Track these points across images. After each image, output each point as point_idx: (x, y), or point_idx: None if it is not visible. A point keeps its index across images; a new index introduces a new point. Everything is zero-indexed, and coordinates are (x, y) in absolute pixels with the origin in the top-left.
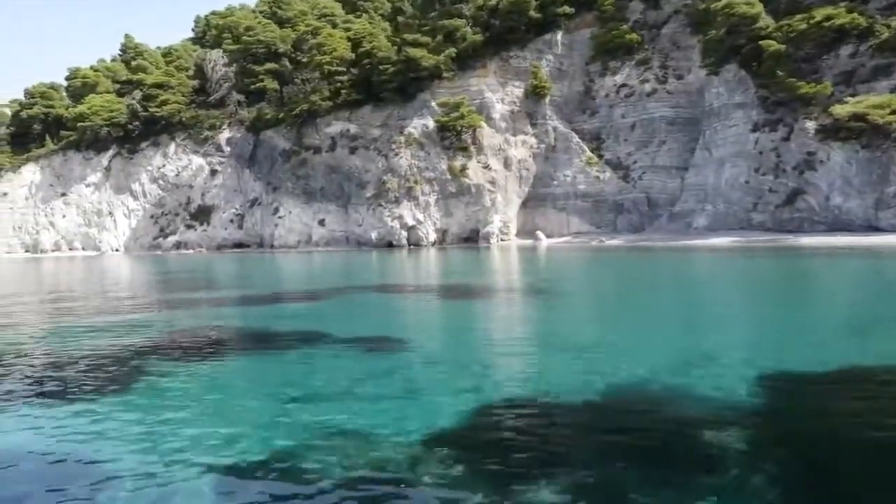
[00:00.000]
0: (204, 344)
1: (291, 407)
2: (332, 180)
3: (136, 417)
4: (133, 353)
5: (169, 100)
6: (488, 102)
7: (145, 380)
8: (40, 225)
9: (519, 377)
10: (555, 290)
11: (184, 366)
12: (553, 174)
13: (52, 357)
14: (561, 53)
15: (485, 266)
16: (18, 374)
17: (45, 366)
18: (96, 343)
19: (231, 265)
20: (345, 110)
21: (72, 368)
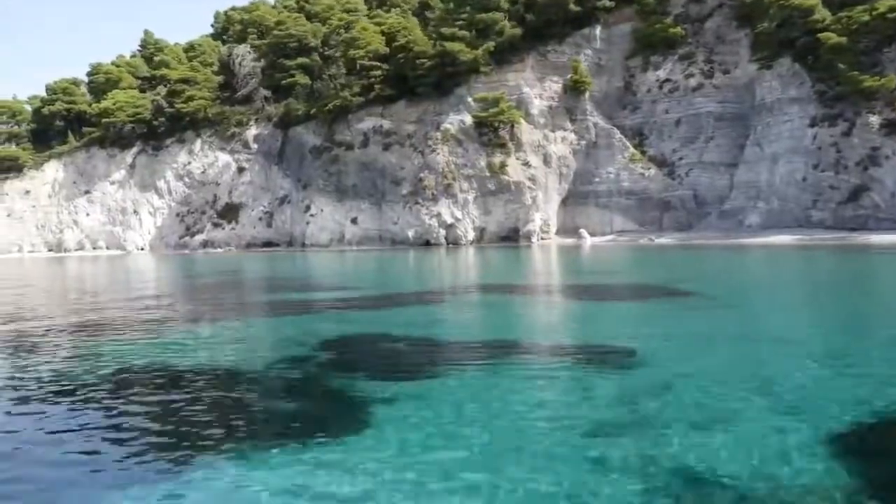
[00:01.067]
0: (391, 356)
1: (586, 440)
2: (364, 177)
3: (386, 456)
4: (325, 371)
5: (195, 95)
6: (526, 98)
7: (372, 409)
8: (64, 223)
9: (832, 397)
10: (705, 292)
11: (401, 385)
12: (594, 171)
13: (240, 378)
14: (599, 48)
15: (563, 265)
16: (216, 411)
17: (245, 396)
18: (256, 357)
19: (283, 264)
20: (377, 106)
21: (269, 399)
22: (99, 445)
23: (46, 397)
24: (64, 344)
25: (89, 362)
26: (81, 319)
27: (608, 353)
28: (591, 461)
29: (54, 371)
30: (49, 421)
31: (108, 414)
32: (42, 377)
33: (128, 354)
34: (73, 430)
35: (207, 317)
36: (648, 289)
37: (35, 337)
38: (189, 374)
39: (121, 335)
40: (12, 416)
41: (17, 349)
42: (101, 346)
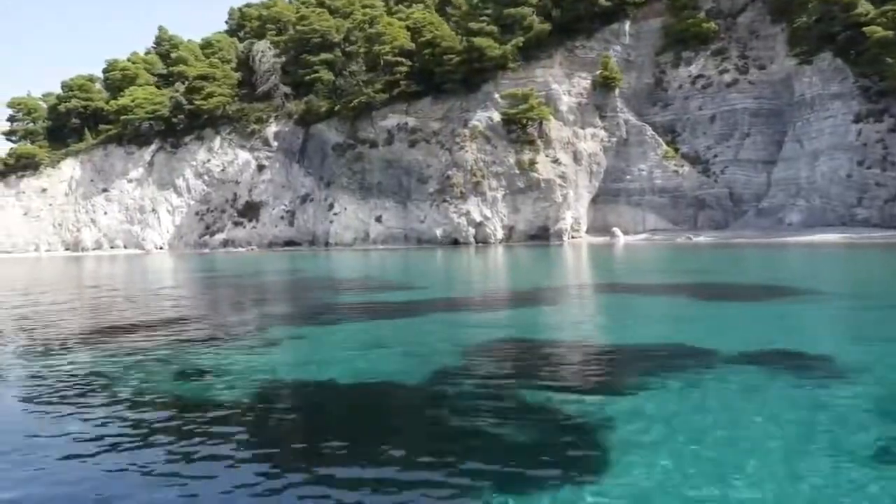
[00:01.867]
0: (564, 365)
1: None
2: (389, 175)
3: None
4: (507, 385)
5: (214, 92)
6: (554, 94)
7: (598, 433)
8: (81, 222)
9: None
10: (827, 290)
11: (606, 399)
12: (626, 168)
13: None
14: (628, 44)
15: (625, 264)
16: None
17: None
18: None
19: (324, 263)
20: (402, 102)
21: (468, 420)
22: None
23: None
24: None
25: (228, 378)
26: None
27: (806, 359)
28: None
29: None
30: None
31: (273, 440)
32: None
33: (260, 368)
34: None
35: (316, 320)
36: (767, 289)
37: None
38: (355, 389)
39: (235, 343)
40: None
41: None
42: (225, 358)
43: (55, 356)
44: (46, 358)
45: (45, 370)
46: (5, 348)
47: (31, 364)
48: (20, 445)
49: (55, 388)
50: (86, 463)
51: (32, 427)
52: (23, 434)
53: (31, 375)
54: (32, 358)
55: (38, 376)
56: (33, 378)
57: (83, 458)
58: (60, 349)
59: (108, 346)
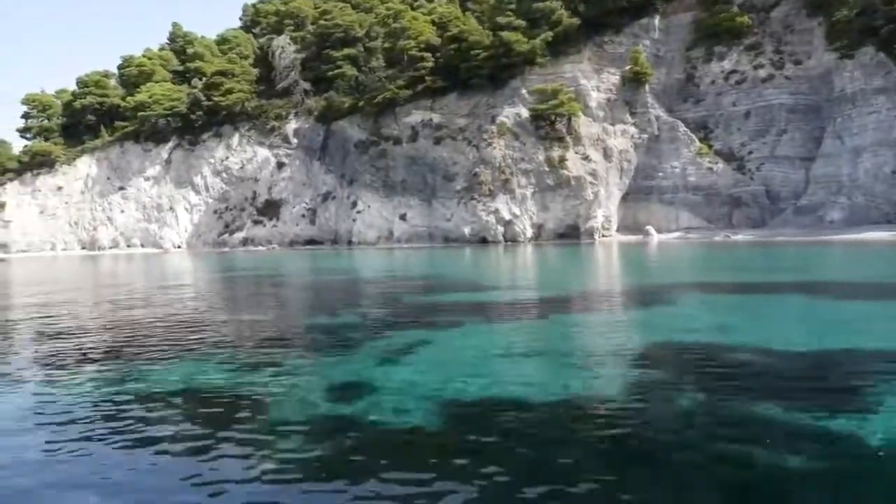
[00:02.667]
0: (803, 378)
1: None
2: (413, 172)
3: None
4: (783, 408)
5: (233, 88)
6: (583, 90)
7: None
8: (97, 220)
9: None
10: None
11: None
12: (657, 166)
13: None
14: (658, 39)
15: (676, 262)
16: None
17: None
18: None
19: (367, 262)
20: (426, 99)
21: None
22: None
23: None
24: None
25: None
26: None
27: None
28: None
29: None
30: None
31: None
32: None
33: (412, 380)
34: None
35: (426, 323)
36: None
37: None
38: (523, 403)
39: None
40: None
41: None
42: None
43: (146, 375)
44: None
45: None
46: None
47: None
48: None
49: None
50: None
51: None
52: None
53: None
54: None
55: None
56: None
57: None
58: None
59: (242, 361)
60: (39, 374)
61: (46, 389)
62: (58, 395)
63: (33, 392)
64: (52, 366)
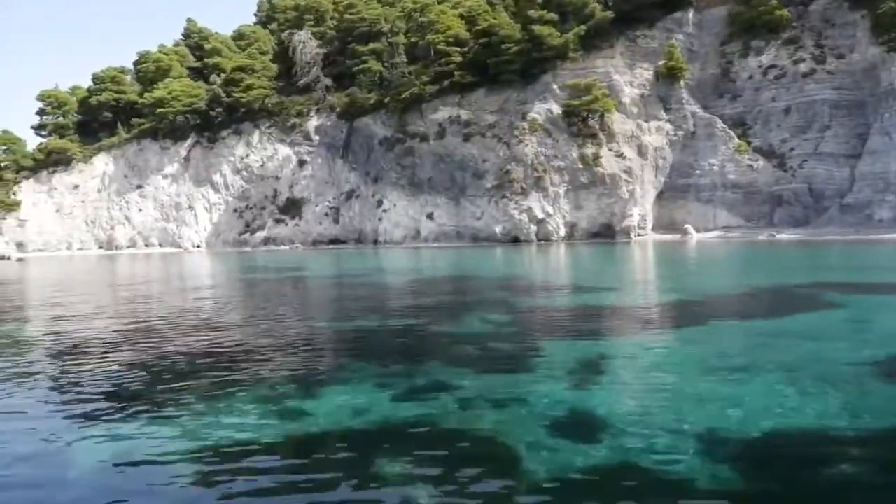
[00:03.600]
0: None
1: None
2: (441, 170)
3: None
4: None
5: (254, 84)
6: (616, 85)
7: None
8: (115, 219)
9: None
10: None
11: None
12: (694, 163)
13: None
14: (691, 33)
15: (740, 262)
16: None
17: None
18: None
19: (415, 263)
20: (453, 94)
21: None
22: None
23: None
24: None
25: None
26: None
27: None
28: None
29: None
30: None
31: None
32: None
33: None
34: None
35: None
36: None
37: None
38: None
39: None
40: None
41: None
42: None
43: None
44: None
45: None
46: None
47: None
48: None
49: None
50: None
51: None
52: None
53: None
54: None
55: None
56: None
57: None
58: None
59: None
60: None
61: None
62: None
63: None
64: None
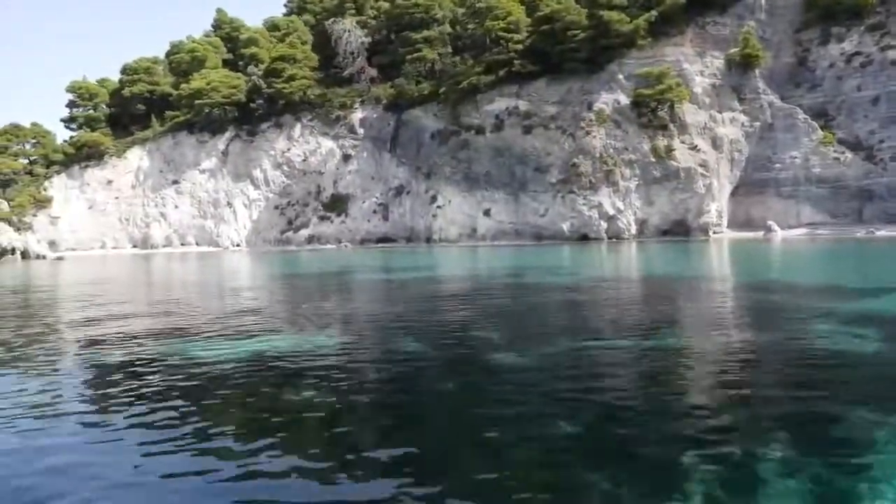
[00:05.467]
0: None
1: None
2: (499, 164)
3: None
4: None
5: (296, 75)
6: (687, 74)
7: None
8: (150, 217)
9: None
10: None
11: None
12: (772, 156)
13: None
14: (763, 20)
15: (866, 262)
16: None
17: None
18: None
19: (514, 262)
20: (511, 85)
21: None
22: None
23: None
24: None
25: None
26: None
27: None
28: None
29: None
30: None
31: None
32: None
33: None
34: None
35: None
36: None
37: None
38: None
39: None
40: None
41: None
42: None
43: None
44: None
45: None
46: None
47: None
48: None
49: None
50: None
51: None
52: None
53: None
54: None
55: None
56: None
57: None
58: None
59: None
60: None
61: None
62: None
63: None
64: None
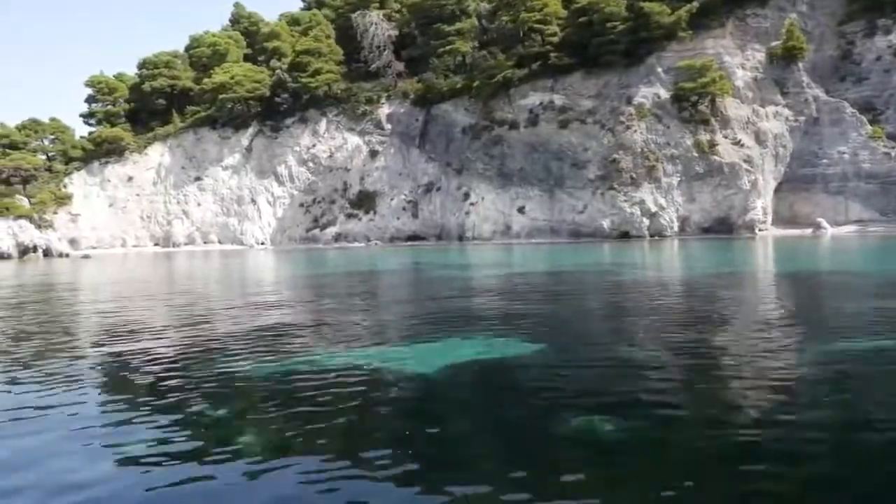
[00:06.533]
0: None
1: None
2: (534, 160)
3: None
4: None
5: (322, 68)
6: (727, 67)
7: None
8: (172, 214)
9: None
10: None
11: None
12: (818, 152)
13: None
14: (805, 12)
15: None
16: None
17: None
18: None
19: (579, 257)
20: (545, 79)
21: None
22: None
23: None
24: None
25: None
26: None
27: None
28: None
29: None
30: None
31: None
32: None
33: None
34: None
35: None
36: None
37: None
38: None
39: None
40: None
41: None
42: None
43: None
44: None
45: None
46: None
47: None
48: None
49: None
50: None
51: None
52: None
53: None
54: None
55: None
56: None
57: None
58: None
59: None
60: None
61: None
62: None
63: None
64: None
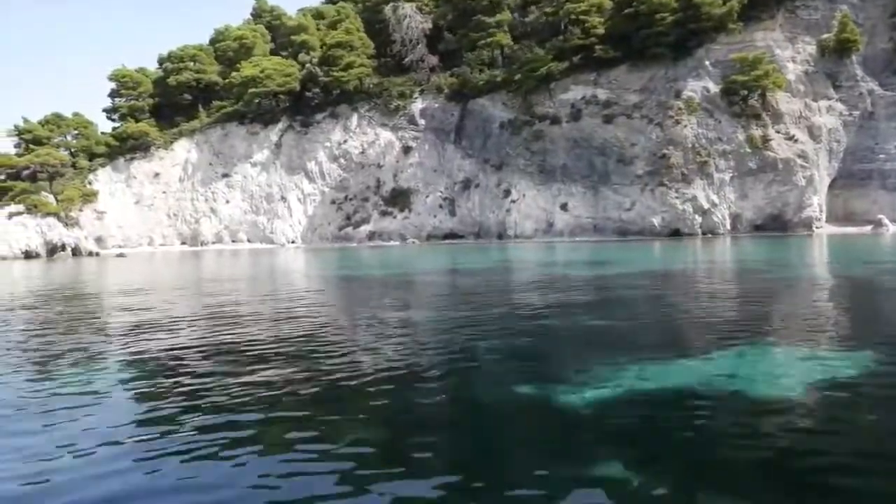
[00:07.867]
0: None
1: None
2: (577, 156)
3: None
4: None
5: (354, 62)
6: (778, 61)
7: None
8: (199, 212)
9: None
10: None
11: None
12: (875, 147)
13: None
14: (855, 4)
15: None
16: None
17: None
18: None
19: (678, 256)
20: (587, 72)
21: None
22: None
23: None
24: None
25: None
26: None
27: None
28: None
29: None
30: None
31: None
32: None
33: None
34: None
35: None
36: None
37: None
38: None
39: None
40: None
41: None
42: None
43: None
44: None
45: None
46: None
47: None
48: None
49: None
50: None
51: None
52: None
53: None
54: None
55: None
56: None
57: None
58: None
59: None
60: None
61: None
62: None
63: None
64: None
